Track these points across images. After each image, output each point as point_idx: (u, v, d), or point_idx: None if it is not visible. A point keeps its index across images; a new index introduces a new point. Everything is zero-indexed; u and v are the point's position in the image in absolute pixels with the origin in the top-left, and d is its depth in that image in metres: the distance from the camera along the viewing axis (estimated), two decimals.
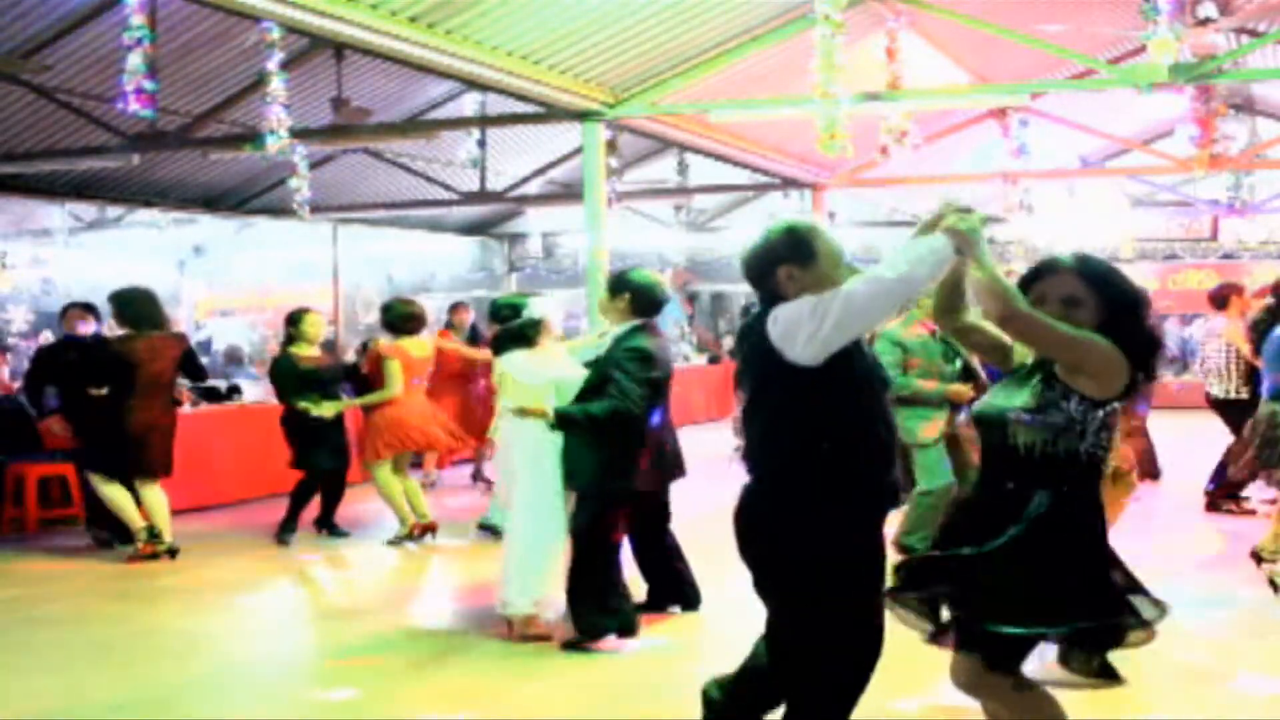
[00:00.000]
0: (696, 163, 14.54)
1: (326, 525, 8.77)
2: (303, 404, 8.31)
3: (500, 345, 6.01)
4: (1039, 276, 3.29)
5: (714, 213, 19.28)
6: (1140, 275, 18.88)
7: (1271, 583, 6.06)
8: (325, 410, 8.34)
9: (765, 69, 9.87)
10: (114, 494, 7.87)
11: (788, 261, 3.36)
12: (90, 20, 9.19)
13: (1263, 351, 7.14)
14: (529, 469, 5.68)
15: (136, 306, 8.04)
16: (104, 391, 7.96)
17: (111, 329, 8.53)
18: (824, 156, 9.45)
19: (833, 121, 8.60)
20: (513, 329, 5.95)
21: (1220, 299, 9.34)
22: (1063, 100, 13.64)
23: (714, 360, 18.27)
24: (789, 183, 14.34)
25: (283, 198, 13.69)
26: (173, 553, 7.88)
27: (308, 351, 8.54)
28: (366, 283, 20.12)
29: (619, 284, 5.72)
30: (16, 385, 10.99)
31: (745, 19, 8.96)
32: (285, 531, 8.50)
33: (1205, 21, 9.23)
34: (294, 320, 8.60)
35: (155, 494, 7.93)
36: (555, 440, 5.61)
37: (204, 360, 9.59)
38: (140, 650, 5.92)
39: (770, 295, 3.40)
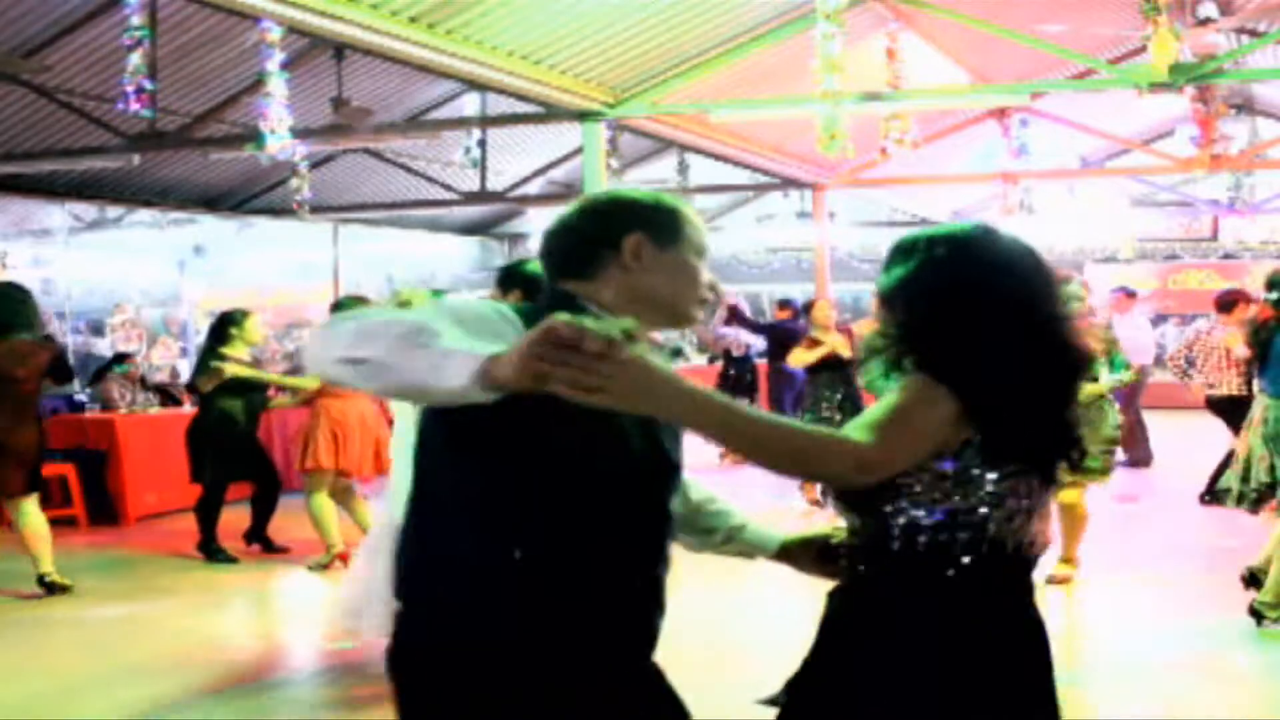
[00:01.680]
0: (697, 163, 14.53)
1: (259, 539, 8.18)
2: (218, 365, 7.65)
3: None
4: None
5: (714, 213, 19.27)
6: (1140, 275, 19.00)
7: (1255, 613, 5.91)
8: (228, 369, 7.64)
9: (765, 69, 9.87)
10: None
11: (640, 230, 2.09)
12: (90, 20, 9.19)
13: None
14: None
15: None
16: None
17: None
18: (824, 156, 9.46)
19: (833, 121, 8.60)
20: None
21: (1227, 304, 9.23)
22: (1063, 100, 13.64)
23: (714, 360, 18.28)
24: (789, 183, 14.35)
25: (283, 198, 13.69)
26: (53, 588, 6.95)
27: (241, 353, 7.96)
28: (366, 283, 20.11)
29: (509, 278, 4.49)
30: None
31: (745, 19, 8.97)
32: (211, 550, 7.90)
33: (1205, 21, 9.23)
34: (235, 320, 7.98)
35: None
36: None
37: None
38: (139, 650, 5.92)
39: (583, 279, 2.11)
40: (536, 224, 19.33)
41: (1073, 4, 10.54)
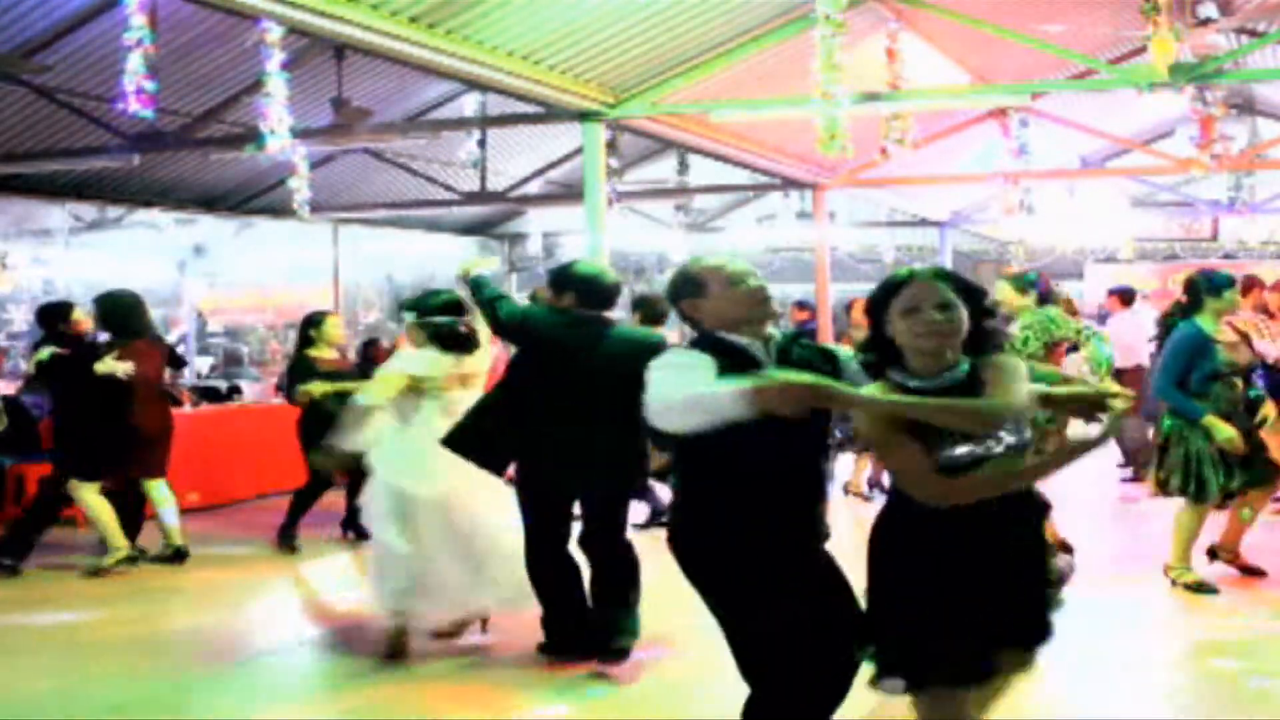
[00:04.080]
0: (697, 163, 14.54)
1: (354, 528, 8.44)
2: (304, 388, 8.02)
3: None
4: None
5: (714, 213, 19.28)
6: (1140, 275, 19.00)
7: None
8: (314, 389, 7.97)
9: (765, 69, 9.86)
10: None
11: (687, 298, 3.51)
12: (90, 20, 9.19)
13: (1164, 349, 6.83)
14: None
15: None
16: None
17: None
18: (824, 156, 9.44)
19: (833, 121, 8.59)
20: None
21: (1243, 288, 9.28)
22: (1063, 100, 13.64)
23: None
24: (789, 183, 14.34)
25: (283, 198, 13.67)
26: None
27: (326, 354, 8.53)
28: (366, 283, 20.12)
29: (561, 279, 5.44)
30: (17, 385, 10.99)
31: (745, 19, 8.96)
32: (288, 538, 8.37)
33: (1205, 21, 9.22)
34: (315, 323, 8.60)
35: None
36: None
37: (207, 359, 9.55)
38: (140, 650, 5.92)
39: (693, 325, 3.55)
40: (536, 224, 19.36)
41: (1073, 4, 10.54)
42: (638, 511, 8.16)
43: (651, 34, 8.60)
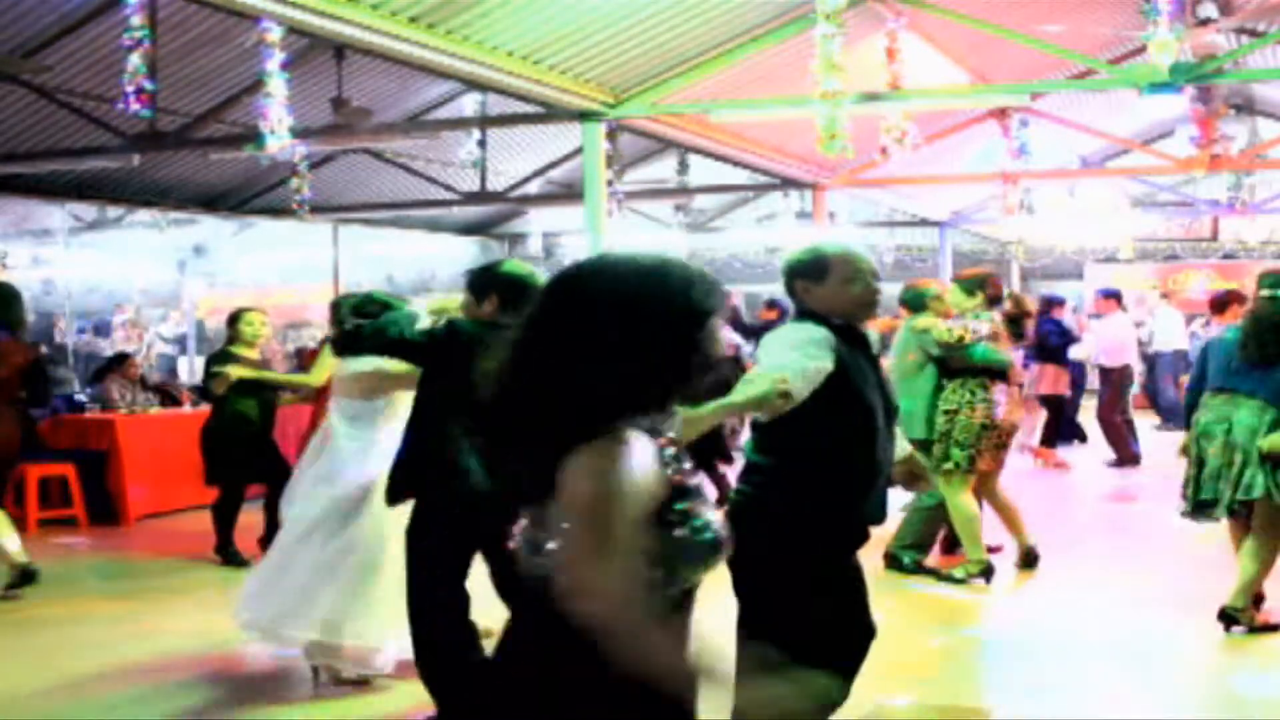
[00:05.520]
0: (697, 163, 14.54)
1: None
2: (223, 369, 7.60)
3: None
4: None
5: (714, 213, 19.28)
6: (1140, 275, 19.00)
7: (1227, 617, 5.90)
8: (232, 372, 7.58)
9: (765, 69, 9.86)
10: None
11: (804, 277, 3.59)
12: (90, 20, 9.20)
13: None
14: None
15: None
16: None
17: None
18: (824, 156, 9.44)
19: (833, 121, 8.59)
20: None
21: (1220, 304, 9.18)
22: (1063, 100, 13.63)
23: None
24: (789, 183, 14.34)
25: (283, 198, 13.69)
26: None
27: (248, 353, 7.90)
28: (366, 283, 20.10)
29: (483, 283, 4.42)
30: None
31: (745, 19, 8.96)
32: (228, 553, 7.82)
33: (1205, 21, 9.23)
34: (238, 319, 7.97)
35: None
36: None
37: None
38: (139, 650, 5.92)
39: (798, 302, 3.65)
40: (536, 224, 19.36)
41: (1073, 4, 10.54)
42: None
43: (651, 34, 8.60)
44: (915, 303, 7.45)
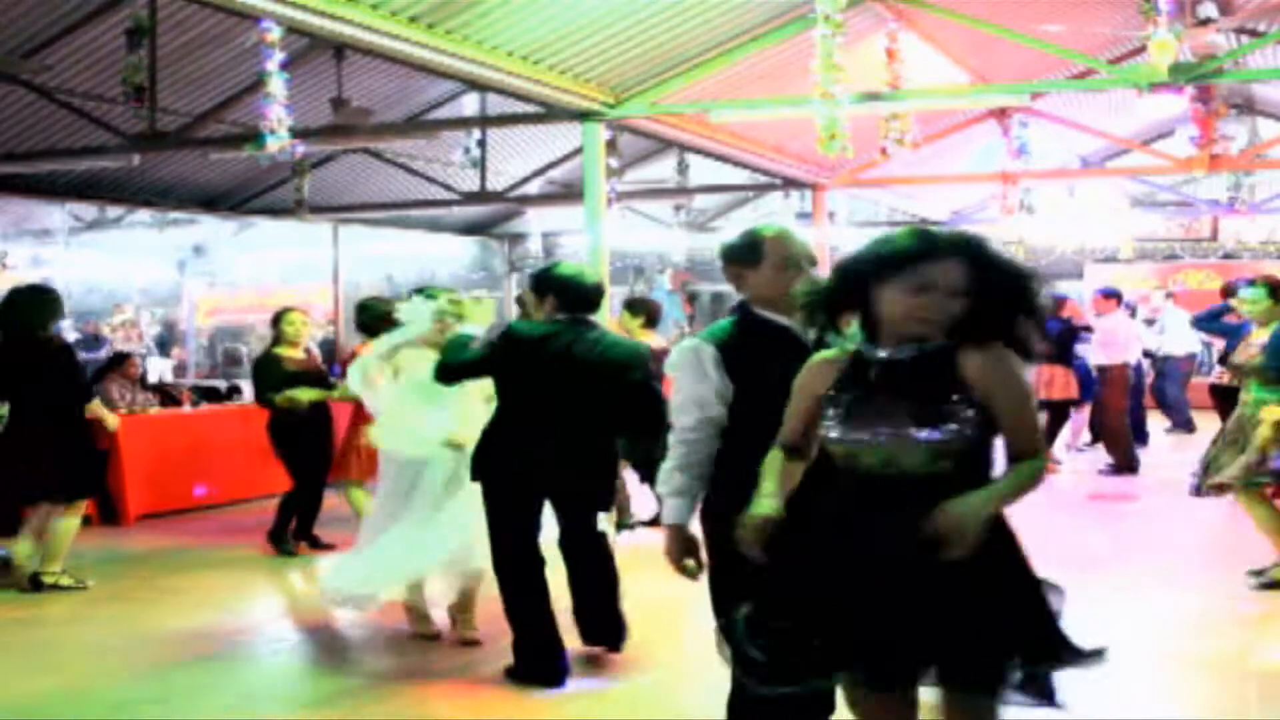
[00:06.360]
0: (696, 163, 14.54)
1: (306, 538, 8.27)
2: (279, 397, 7.85)
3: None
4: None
5: (714, 213, 19.28)
6: (1140, 275, 19.00)
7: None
8: (300, 396, 7.84)
9: (765, 69, 9.87)
10: None
11: (737, 263, 3.55)
12: (90, 20, 9.20)
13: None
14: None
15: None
16: None
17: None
18: (824, 156, 9.44)
19: (833, 121, 8.59)
20: None
21: (1233, 290, 9.18)
22: (1063, 100, 13.64)
23: None
24: (789, 183, 14.34)
25: (283, 198, 13.70)
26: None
27: (291, 353, 8.11)
28: (366, 283, 20.10)
29: (542, 284, 5.18)
30: None
31: (745, 19, 8.96)
32: (281, 541, 8.13)
33: (1205, 21, 9.23)
34: (276, 320, 8.25)
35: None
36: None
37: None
38: (140, 650, 5.92)
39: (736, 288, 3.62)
40: (536, 224, 19.36)
41: (1073, 4, 10.54)
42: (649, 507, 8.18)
43: (651, 34, 8.61)
44: None
